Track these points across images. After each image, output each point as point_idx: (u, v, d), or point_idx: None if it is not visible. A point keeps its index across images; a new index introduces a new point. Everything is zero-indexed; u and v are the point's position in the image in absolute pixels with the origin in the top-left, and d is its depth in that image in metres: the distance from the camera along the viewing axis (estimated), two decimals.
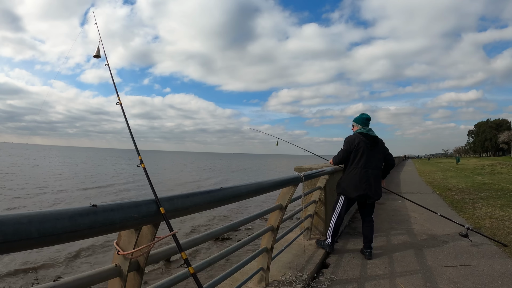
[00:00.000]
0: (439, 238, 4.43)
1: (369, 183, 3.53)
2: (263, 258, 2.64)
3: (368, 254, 3.59)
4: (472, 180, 13.41)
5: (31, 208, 11.93)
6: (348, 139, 3.65)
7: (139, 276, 1.33)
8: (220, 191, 1.71)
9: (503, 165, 23.64)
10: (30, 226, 0.83)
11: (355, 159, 3.56)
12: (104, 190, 17.62)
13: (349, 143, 3.61)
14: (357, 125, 3.75)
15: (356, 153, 3.56)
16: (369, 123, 3.75)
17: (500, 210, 6.18)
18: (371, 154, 3.57)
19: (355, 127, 3.77)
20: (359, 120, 3.76)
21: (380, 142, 3.68)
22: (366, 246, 3.67)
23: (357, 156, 3.55)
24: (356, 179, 3.53)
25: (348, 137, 3.69)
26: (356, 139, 3.59)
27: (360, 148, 3.55)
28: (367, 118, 3.74)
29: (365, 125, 3.72)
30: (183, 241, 1.62)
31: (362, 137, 3.59)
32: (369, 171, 3.54)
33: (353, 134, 3.70)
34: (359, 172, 3.53)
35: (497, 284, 2.83)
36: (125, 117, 1.85)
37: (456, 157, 40.48)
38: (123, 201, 1.16)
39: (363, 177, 3.52)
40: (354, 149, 3.57)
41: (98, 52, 2.18)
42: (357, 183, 3.52)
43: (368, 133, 3.64)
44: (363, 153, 3.54)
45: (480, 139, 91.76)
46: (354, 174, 3.55)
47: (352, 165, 3.58)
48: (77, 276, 1.14)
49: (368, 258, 3.55)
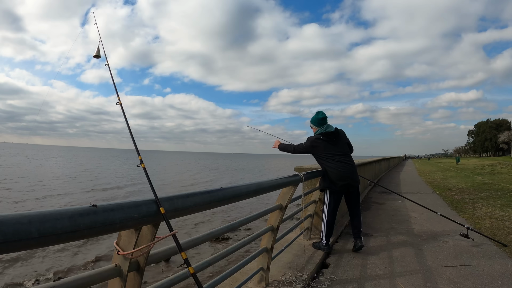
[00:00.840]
0: (439, 238, 4.43)
1: (347, 170, 3.63)
2: (263, 258, 2.64)
3: (360, 241, 3.73)
4: (472, 180, 13.41)
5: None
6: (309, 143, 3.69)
7: (139, 276, 1.33)
8: (220, 191, 1.71)
9: (503, 165, 23.64)
10: (30, 226, 0.83)
11: (326, 158, 3.64)
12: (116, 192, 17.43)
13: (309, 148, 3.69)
14: (314, 126, 3.79)
15: (323, 151, 3.64)
16: (325, 121, 3.78)
17: (500, 210, 6.18)
18: (337, 146, 3.67)
19: (313, 128, 3.82)
20: (315, 121, 3.80)
21: (340, 133, 3.77)
22: (357, 235, 3.76)
23: (326, 155, 3.64)
24: (334, 173, 3.60)
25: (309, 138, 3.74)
26: (315, 142, 3.66)
27: (324, 148, 3.64)
28: (322, 118, 3.77)
29: (321, 125, 3.76)
30: (183, 241, 1.62)
31: (322, 137, 3.66)
32: (341, 159, 3.64)
33: (313, 137, 3.73)
34: (333, 166, 3.61)
35: (497, 284, 2.83)
36: (125, 117, 1.85)
37: (456, 157, 40.48)
38: (123, 201, 1.16)
39: (340, 166, 3.60)
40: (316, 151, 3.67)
41: (98, 52, 2.18)
42: (337, 176, 3.60)
43: (327, 132, 3.68)
44: (329, 150, 3.63)
45: (480, 139, 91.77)
46: (330, 170, 3.62)
47: (325, 161, 3.65)
48: (77, 276, 1.14)
49: (361, 244, 3.71)
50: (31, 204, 13.04)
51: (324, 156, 3.65)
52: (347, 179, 3.64)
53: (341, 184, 3.63)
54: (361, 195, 8.40)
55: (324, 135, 3.68)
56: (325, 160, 3.65)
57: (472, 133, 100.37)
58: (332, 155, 3.63)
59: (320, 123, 3.76)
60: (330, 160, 3.63)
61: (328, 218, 3.70)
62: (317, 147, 3.66)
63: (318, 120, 3.77)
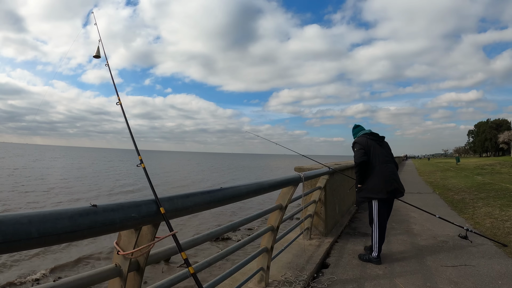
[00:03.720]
0: (439, 238, 4.43)
1: (395, 177, 3.45)
2: (263, 258, 2.63)
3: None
4: (472, 180, 13.40)
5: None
6: (358, 142, 3.56)
7: (139, 276, 1.33)
8: (220, 191, 1.71)
9: (503, 165, 23.62)
10: (30, 226, 0.83)
11: (373, 158, 3.44)
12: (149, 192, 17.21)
13: (358, 144, 3.52)
14: (356, 136, 3.76)
15: (369, 153, 3.46)
16: (362, 127, 3.82)
17: (500, 210, 6.17)
18: (383, 150, 3.54)
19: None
20: (354, 133, 3.84)
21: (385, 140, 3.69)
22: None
23: (372, 156, 3.45)
24: (382, 176, 3.38)
25: (357, 140, 3.61)
26: (363, 139, 3.55)
27: (370, 147, 3.48)
28: (357, 125, 3.85)
29: (360, 130, 3.77)
30: (183, 241, 1.62)
31: (368, 136, 3.58)
32: (389, 165, 3.46)
33: (359, 138, 3.64)
34: (381, 168, 3.40)
35: (497, 284, 2.83)
36: (125, 117, 1.85)
37: (456, 157, 40.46)
38: (123, 201, 1.17)
39: (386, 171, 3.40)
40: (366, 148, 3.47)
41: (98, 52, 2.18)
42: (386, 179, 3.38)
43: (371, 132, 3.65)
44: (376, 150, 3.48)
45: (480, 139, 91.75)
46: (377, 172, 3.40)
47: (373, 164, 3.43)
48: (77, 276, 1.14)
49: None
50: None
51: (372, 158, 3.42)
52: (395, 184, 3.41)
53: (389, 190, 3.37)
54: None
55: (370, 134, 3.59)
56: (373, 164, 3.41)
57: (472, 133, 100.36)
58: (384, 157, 3.47)
59: (358, 131, 3.77)
60: (377, 162, 3.42)
61: (380, 230, 3.41)
62: (369, 146, 3.46)
63: (354, 130, 3.84)
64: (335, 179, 4.90)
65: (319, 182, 4.17)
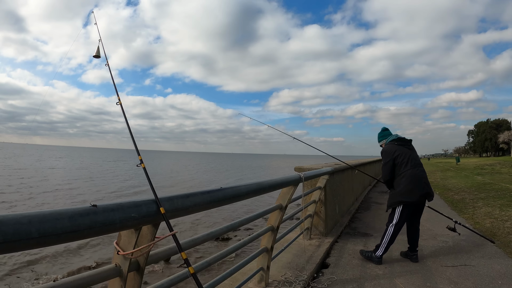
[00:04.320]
0: (439, 238, 4.43)
1: (426, 181, 3.44)
2: (263, 258, 2.63)
3: (416, 257, 3.50)
4: (472, 180, 13.40)
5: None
6: (385, 153, 3.54)
7: (139, 276, 1.33)
8: (220, 191, 1.71)
9: (503, 165, 23.63)
10: (30, 226, 0.83)
11: (402, 163, 3.41)
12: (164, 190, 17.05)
13: (387, 154, 3.52)
14: (382, 141, 3.75)
15: (400, 158, 3.43)
16: (389, 131, 3.78)
17: (500, 210, 6.18)
18: (413, 154, 3.51)
19: (382, 144, 3.75)
20: (380, 136, 3.80)
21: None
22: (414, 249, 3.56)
23: (403, 160, 3.41)
24: (413, 180, 3.35)
25: (384, 150, 3.59)
26: (391, 148, 3.52)
27: (401, 153, 3.44)
28: (384, 129, 3.80)
29: (387, 135, 3.74)
30: (183, 241, 1.62)
31: (396, 142, 3.54)
32: (420, 169, 3.45)
33: (386, 146, 3.61)
34: (412, 172, 3.37)
35: (497, 284, 2.83)
36: (125, 117, 1.85)
37: (456, 157, 40.47)
38: (123, 201, 1.17)
39: (418, 175, 3.38)
40: (395, 156, 3.45)
41: (98, 52, 2.19)
42: (416, 183, 3.35)
43: (399, 137, 3.60)
44: (406, 154, 3.44)
45: (480, 139, 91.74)
46: (408, 176, 3.36)
47: (402, 170, 3.40)
48: (77, 276, 1.14)
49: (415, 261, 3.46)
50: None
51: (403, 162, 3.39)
52: (427, 188, 3.39)
53: (422, 193, 3.35)
54: (360, 195, 8.41)
55: (397, 140, 3.57)
56: (405, 168, 3.38)
57: (472, 133, 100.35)
58: (414, 160, 3.43)
59: (385, 135, 3.74)
60: (409, 166, 3.38)
61: (394, 232, 3.39)
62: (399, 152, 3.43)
63: (380, 133, 3.78)
64: (335, 179, 4.90)
65: (319, 182, 4.17)
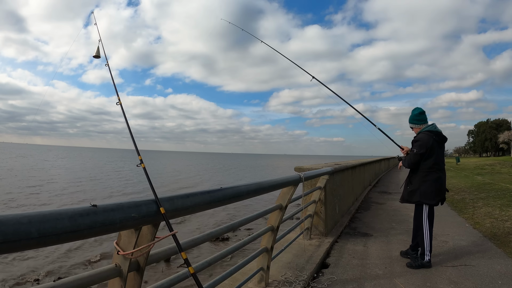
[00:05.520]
0: (439, 238, 4.43)
1: (445, 185, 3.37)
2: (263, 258, 2.63)
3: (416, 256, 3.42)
4: (472, 180, 13.41)
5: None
6: (422, 142, 3.27)
7: (139, 276, 1.33)
8: (220, 191, 1.71)
9: (503, 165, 23.64)
10: (30, 226, 0.83)
11: (432, 161, 3.26)
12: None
13: (424, 146, 3.25)
14: (416, 125, 3.42)
15: (431, 155, 3.26)
16: (426, 116, 3.39)
17: (500, 210, 6.17)
18: (442, 154, 3.38)
19: (415, 129, 3.44)
20: (413, 119, 3.42)
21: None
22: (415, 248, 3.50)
23: (433, 158, 3.26)
24: (439, 183, 3.28)
25: (421, 138, 3.31)
26: (430, 140, 3.25)
27: (434, 149, 3.27)
28: (420, 113, 3.37)
29: (423, 121, 3.39)
30: (183, 241, 1.62)
31: (434, 136, 3.29)
32: (444, 172, 3.36)
33: (424, 135, 3.31)
34: (439, 176, 3.28)
35: (497, 284, 2.83)
36: (125, 117, 1.85)
37: (456, 157, 40.45)
38: (123, 201, 1.17)
39: (443, 179, 3.31)
40: (430, 151, 3.25)
41: (98, 52, 2.19)
42: (439, 188, 3.28)
43: (437, 131, 3.34)
44: (437, 153, 3.28)
45: (480, 139, 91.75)
46: (436, 178, 3.27)
47: (431, 168, 3.27)
48: (77, 276, 1.14)
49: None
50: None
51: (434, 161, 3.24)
52: (444, 192, 3.33)
53: (441, 198, 3.31)
54: (360, 195, 8.41)
55: (435, 134, 3.29)
56: (433, 167, 3.25)
57: (472, 133, 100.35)
58: (442, 162, 3.31)
59: (421, 119, 3.37)
60: (438, 169, 3.27)
61: (431, 234, 3.35)
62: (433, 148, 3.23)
63: (417, 116, 3.37)
64: (335, 179, 4.90)
65: (319, 182, 4.17)
